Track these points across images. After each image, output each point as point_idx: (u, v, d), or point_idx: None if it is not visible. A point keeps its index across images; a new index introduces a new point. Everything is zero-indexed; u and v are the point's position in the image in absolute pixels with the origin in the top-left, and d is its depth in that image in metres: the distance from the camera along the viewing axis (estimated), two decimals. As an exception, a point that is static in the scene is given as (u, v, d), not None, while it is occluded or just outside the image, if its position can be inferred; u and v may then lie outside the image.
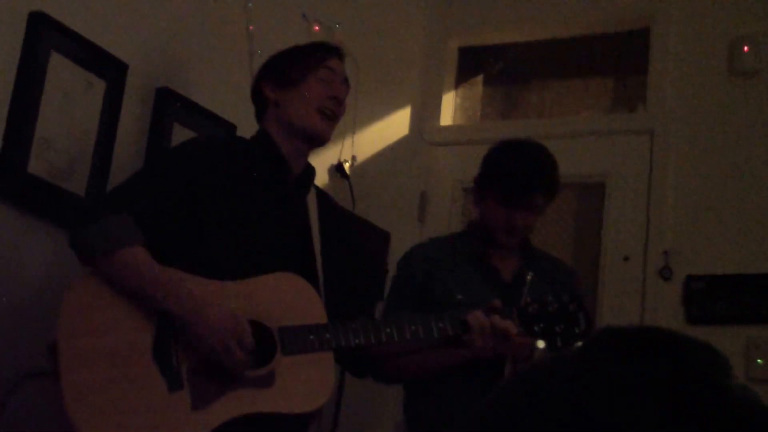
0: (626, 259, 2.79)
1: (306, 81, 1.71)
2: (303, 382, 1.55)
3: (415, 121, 3.12)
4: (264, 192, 1.69)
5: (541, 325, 1.63)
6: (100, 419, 1.43)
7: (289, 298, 1.59)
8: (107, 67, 2.03)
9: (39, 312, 1.81)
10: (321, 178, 2.69)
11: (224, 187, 1.64)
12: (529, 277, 1.81)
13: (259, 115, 1.80)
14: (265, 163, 1.72)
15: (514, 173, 1.85)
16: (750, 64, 2.77)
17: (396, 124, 3.06)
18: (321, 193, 1.85)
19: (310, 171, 1.79)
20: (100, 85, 2.01)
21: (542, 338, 1.62)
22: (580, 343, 1.67)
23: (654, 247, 2.76)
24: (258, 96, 1.78)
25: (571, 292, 1.73)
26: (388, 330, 1.57)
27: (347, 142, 2.77)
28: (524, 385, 0.47)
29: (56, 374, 1.45)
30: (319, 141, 1.75)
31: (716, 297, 2.64)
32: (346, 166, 2.76)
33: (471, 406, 1.81)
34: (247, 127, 1.95)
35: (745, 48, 2.76)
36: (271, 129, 1.74)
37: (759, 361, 2.50)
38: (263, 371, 1.52)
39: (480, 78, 3.25)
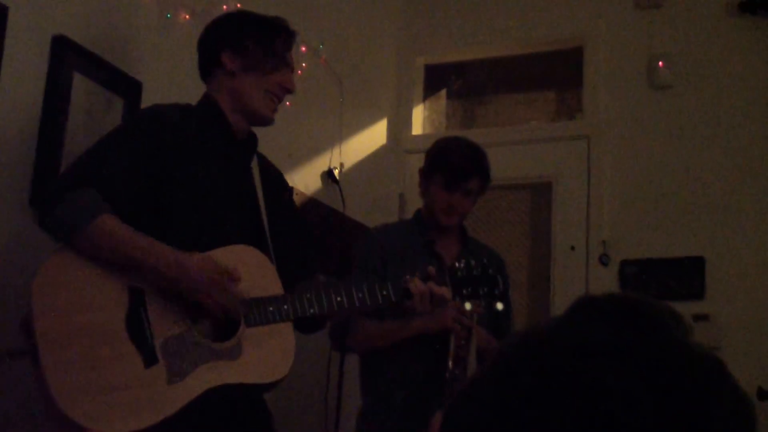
0: (572, 248, 2.91)
1: (269, 74, 1.62)
2: (267, 353, 1.50)
3: (392, 131, 3.18)
4: (213, 160, 1.59)
5: (469, 289, 1.64)
6: (83, 398, 1.35)
7: (248, 270, 1.50)
8: (124, 86, 2.03)
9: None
10: (315, 184, 2.70)
11: (178, 159, 1.54)
12: (472, 263, 1.89)
13: (205, 73, 1.67)
14: (212, 131, 1.62)
15: (453, 160, 1.99)
16: (665, 78, 2.90)
17: (376, 135, 3.11)
18: (262, 160, 1.73)
19: (253, 138, 1.69)
20: (118, 102, 2.01)
21: (470, 299, 1.67)
22: (499, 305, 1.71)
23: (594, 237, 2.87)
24: (210, 55, 1.65)
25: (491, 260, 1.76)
26: (338, 298, 1.54)
27: (335, 150, 2.80)
28: (516, 358, 0.47)
29: (32, 352, 1.37)
30: (265, 125, 1.67)
31: (647, 278, 2.77)
32: (336, 172, 2.77)
33: (418, 372, 1.87)
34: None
35: (660, 64, 2.90)
36: (219, 95, 1.64)
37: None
38: (231, 343, 1.46)
39: (443, 92, 3.34)
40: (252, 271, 1.52)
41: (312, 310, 1.53)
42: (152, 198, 1.51)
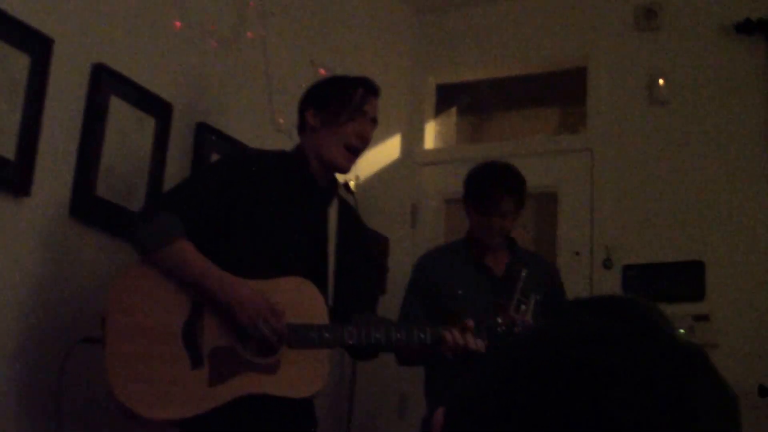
0: (577, 253, 2.88)
1: (343, 124, 1.68)
2: (301, 372, 1.56)
3: (405, 146, 3.18)
4: (290, 202, 1.68)
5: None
6: (132, 386, 1.46)
7: (299, 299, 1.58)
8: (156, 107, 2.06)
9: (96, 299, 1.87)
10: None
11: (255, 198, 1.64)
12: (523, 273, 1.90)
13: (300, 129, 1.77)
14: (294, 177, 1.71)
15: (483, 188, 1.99)
16: (664, 95, 2.87)
17: (390, 149, 3.11)
18: (344, 204, 1.81)
19: (334, 185, 1.78)
20: (150, 122, 2.05)
21: None
22: None
23: (598, 243, 2.84)
24: (300, 114, 1.76)
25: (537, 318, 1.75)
26: (377, 335, 1.58)
27: (352, 164, 2.90)
28: (510, 352, 0.48)
29: (103, 342, 1.48)
30: (340, 172, 1.76)
31: (647, 281, 2.72)
32: (352, 184, 2.86)
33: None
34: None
35: (660, 81, 2.87)
36: (306, 147, 1.73)
37: (681, 330, 2.62)
38: (270, 360, 1.53)
39: (454, 109, 3.33)
40: (302, 300, 1.60)
41: (351, 341, 1.58)
42: (226, 227, 1.61)
